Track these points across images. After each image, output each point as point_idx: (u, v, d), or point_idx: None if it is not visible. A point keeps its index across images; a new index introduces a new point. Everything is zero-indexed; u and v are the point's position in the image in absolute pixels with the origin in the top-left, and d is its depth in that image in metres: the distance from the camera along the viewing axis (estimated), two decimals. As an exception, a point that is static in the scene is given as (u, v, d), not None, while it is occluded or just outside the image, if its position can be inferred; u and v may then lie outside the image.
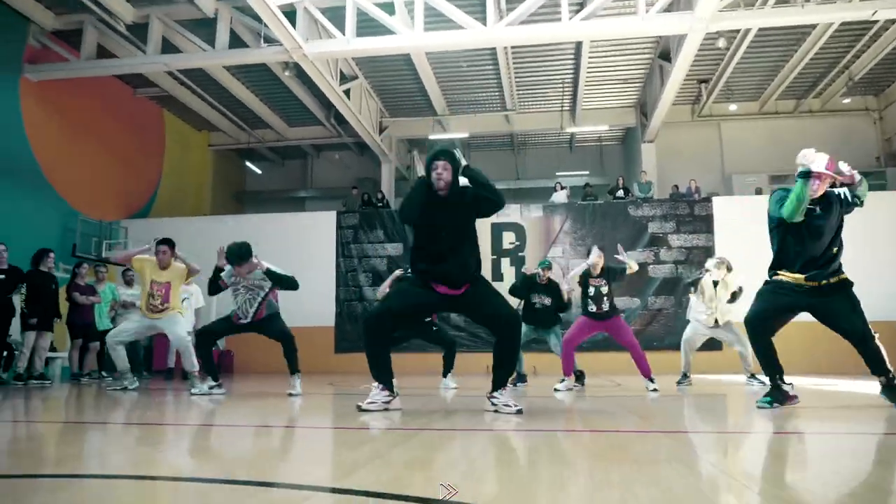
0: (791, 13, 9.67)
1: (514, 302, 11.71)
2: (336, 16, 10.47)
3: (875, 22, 11.31)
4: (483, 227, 13.05)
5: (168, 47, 11.23)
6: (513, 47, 12.34)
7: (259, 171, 18.61)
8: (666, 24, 9.93)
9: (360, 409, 3.70)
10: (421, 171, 3.80)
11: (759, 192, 14.25)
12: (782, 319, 4.05)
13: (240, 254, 5.32)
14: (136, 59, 11.22)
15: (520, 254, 12.91)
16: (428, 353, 12.46)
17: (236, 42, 11.09)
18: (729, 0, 9.43)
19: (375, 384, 3.82)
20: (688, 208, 12.58)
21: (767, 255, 4.19)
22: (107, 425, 3.47)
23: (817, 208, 3.88)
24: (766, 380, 5.71)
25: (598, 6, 9.80)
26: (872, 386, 4.06)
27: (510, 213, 13.20)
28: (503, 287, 12.53)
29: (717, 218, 12.35)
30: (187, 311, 8.94)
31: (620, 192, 13.70)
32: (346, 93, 12.93)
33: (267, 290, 5.54)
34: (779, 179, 15.10)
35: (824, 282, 3.85)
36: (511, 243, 13.03)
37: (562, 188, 13.89)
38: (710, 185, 14.56)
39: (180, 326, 5.99)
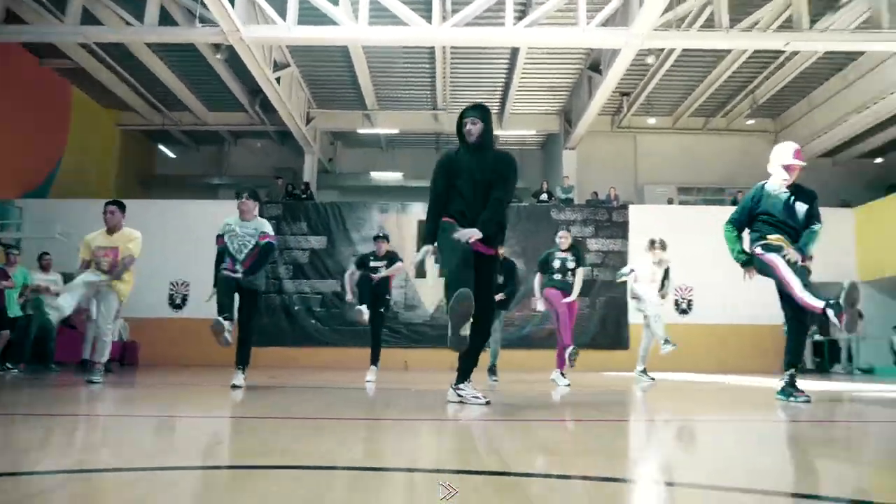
0: (716, 37, 10.38)
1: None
2: (275, 1, 10.12)
3: (781, 52, 12.38)
4: (409, 224, 13.12)
5: (88, 18, 10.42)
6: (452, 48, 12.43)
7: (173, 156, 17.62)
8: (604, 38, 10.38)
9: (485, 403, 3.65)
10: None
11: (670, 201, 15.21)
12: None
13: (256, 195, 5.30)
14: (51, 28, 10.33)
15: (447, 252, 13.04)
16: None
17: (165, 18, 10.46)
18: (663, 20, 9.98)
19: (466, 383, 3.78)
20: (606, 214, 13.21)
21: (678, 262, 4.62)
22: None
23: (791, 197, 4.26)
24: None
25: (540, 15, 10.08)
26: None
27: (440, 211, 13.32)
28: (428, 283, 12.74)
29: (633, 225, 13.04)
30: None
31: (544, 196, 14.16)
32: (277, 80, 12.53)
33: (250, 248, 5.25)
34: (686, 191, 16.20)
35: None
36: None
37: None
38: (624, 194, 15.33)
39: (114, 309, 5.58)
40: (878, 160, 15.80)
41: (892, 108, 12.62)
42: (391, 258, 6.81)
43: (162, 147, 17.55)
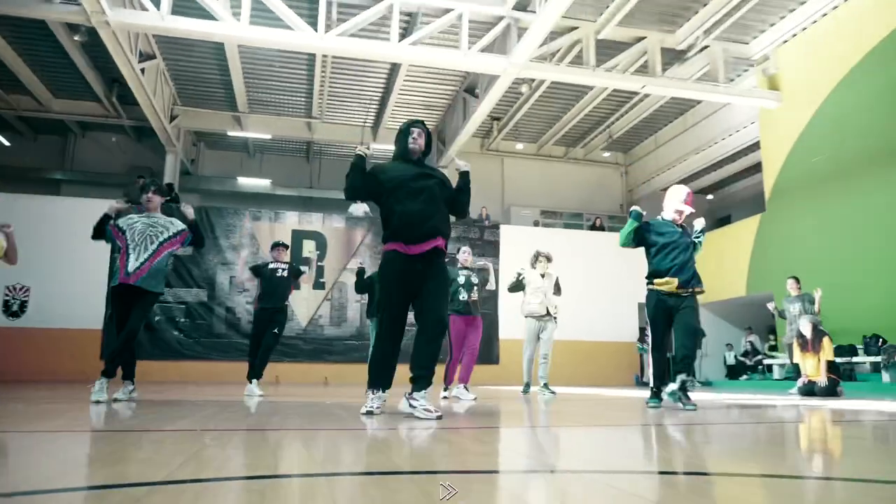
0: (584, 74, 11.20)
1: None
2: (147, -15, 9.50)
3: (635, 94, 13.66)
4: (283, 233, 12.76)
5: (-85, -23, 9.11)
6: (333, 57, 12.33)
7: (7, 143, 15.72)
8: (484, 64, 10.81)
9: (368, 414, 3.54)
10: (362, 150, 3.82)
11: (536, 223, 16.07)
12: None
13: (165, 187, 4.99)
14: None
15: (319, 263, 12.81)
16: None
17: (15, -11, 9.40)
18: (539, 52, 10.61)
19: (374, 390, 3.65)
20: (479, 232, 13.69)
21: None
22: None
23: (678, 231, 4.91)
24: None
25: (425, 34, 10.32)
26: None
27: (312, 220, 13.08)
28: (301, 296, 12.42)
29: (503, 243, 13.63)
30: None
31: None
32: (141, 72, 11.68)
33: (168, 235, 4.74)
34: (549, 214, 17.19)
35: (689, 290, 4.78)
36: (310, 251, 12.87)
37: (361, 201, 14.13)
38: (492, 215, 15.97)
39: None
40: (710, 196, 17.79)
41: (721, 153, 14.34)
42: (293, 268, 6.77)
43: (-6, 133, 15.63)
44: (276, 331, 6.50)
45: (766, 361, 12.50)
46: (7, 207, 11.90)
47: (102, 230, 4.73)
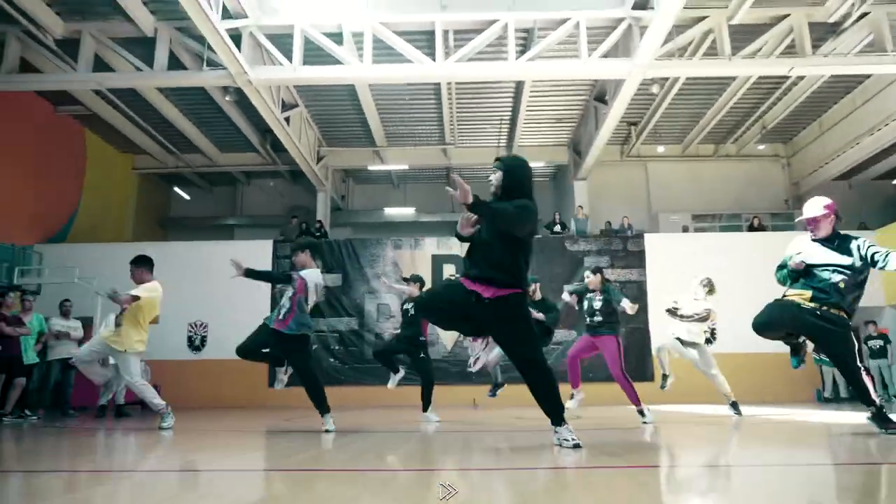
0: (718, 65, 10.36)
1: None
2: (281, 43, 10.35)
3: (787, 77, 12.34)
4: (423, 259, 13.10)
5: (100, 65, 10.71)
6: (457, 83, 12.57)
7: (188, 197, 17.89)
8: (607, 69, 10.42)
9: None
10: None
11: (685, 229, 15.05)
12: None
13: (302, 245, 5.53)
14: (64, 76, 10.63)
15: (459, 286, 12.95)
16: (360, 386, 12.36)
17: (174, 64, 10.72)
18: (664, 49, 10.01)
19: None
20: (621, 244, 13.08)
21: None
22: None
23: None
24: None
25: (542, 48, 10.17)
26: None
27: (451, 244, 13.29)
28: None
29: (649, 254, 12.88)
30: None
31: (557, 227, 14.10)
32: (287, 121, 12.73)
33: (292, 290, 5.31)
34: (701, 218, 16.02)
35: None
36: (452, 275, 13.06)
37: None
38: (637, 223, 15.20)
39: (129, 370, 5.69)
40: (895, 181, 15.54)
41: (903, 129, 12.45)
42: None
43: (177, 189, 17.83)
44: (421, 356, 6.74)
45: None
46: (189, 253, 13.48)
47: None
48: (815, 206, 4.33)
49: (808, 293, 4.19)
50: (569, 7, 10.07)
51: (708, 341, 7.23)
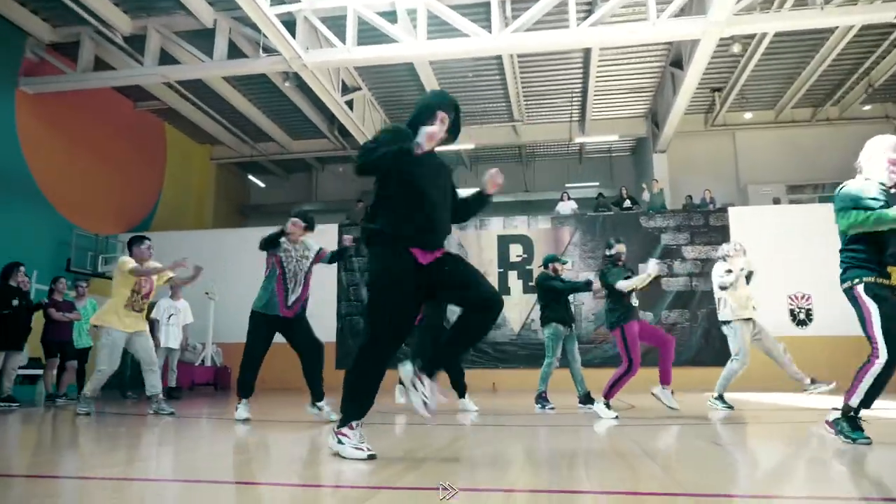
0: (809, 16, 9.25)
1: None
2: (336, 24, 10.20)
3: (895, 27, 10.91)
4: (489, 239, 12.72)
5: (166, 58, 10.99)
6: (519, 56, 12.01)
7: (263, 185, 18.34)
8: (678, 30, 9.54)
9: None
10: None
11: (776, 201, 13.84)
12: None
13: (308, 219, 5.18)
14: (133, 71, 10.99)
15: (527, 267, 12.49)
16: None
17: (235, 52, 10.84)
18: (744, 3, 9.03)
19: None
20: (702, 219, 12.14)
21: (785, 265, 3.83)
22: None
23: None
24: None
25: (606, 12, 9.45)
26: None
27: (517, 224, 12.83)
28: (513, 301, 12.24)
29: (734, 229, 11.87)
30: (173, 327, 8.66)
31: (627, 203, 13.30)
32: (349, 104, 12.64)
33: (309, 263, 5.18)
34: (797, 189, 14.69)
35: None
36: (518, 256, 12.62)
37: (568, 198, 13.50)
38: (725, 196, 14.09)
39: (150, 346, 5.75)
40: None
41: None
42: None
43: (251, 177, 18.31)
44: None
45: None
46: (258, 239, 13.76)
47: (276, 244, 5.04)
48: None
49: None
50: (634, -36, 9.30)
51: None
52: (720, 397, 5.91)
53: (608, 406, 5.09)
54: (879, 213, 3.17)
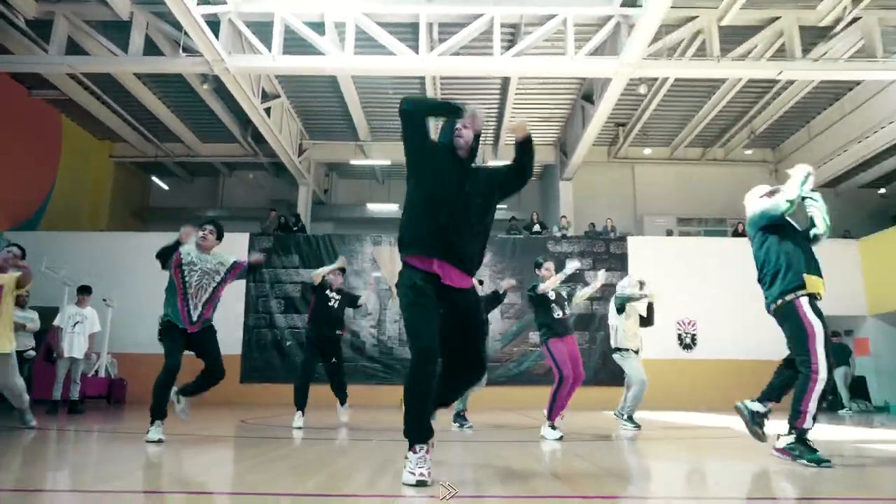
0: (707, 66, 10.19)
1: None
2: (261, 31, 10.06)
3: (777, 81, 12.20)
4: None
5: (74, 48, 10.38)
6: (442, 77, 12.33)
7: (166, 187, 17.54)
8: (593, 67, 10.22)
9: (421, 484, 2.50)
10: None
11: (669, 233, 14.92)
12: None
13: (221, 230, 4.92)
14: (35, 58, 10.30)
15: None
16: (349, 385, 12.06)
17: (151, 49, 10.41)
18: (652, 49, 9.82)
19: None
20: (604, 246, 12.90)
21: (675, 293, 4.27)
22: None
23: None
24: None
25: (528, 44, 9.95)
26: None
27: (432, 243, 13.05)
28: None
29: (632, 257, 12.72)
30: (78, 335, 8.15)
31: (537, 227, 13.90)
32: (267, 111, 12.43)
33: (222, 276, 4.78)
34: (685, 222, 15.91)
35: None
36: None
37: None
38: (622, 225, 15.05)
39: (11, 371, 5.18)
40: (882, 191, 15.47)
41: (890, 139, 12.34)
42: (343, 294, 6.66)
43: (156, 179, 17.48)
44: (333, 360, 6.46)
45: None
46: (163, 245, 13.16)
47: (167, 258, 4.70)
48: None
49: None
50: (556, 3, 9.86)
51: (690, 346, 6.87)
52: (630, 418, 6.33)
53: (553, 427, 5.12)
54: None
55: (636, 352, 6.57)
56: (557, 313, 5.64)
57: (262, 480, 2.69)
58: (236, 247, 12.78)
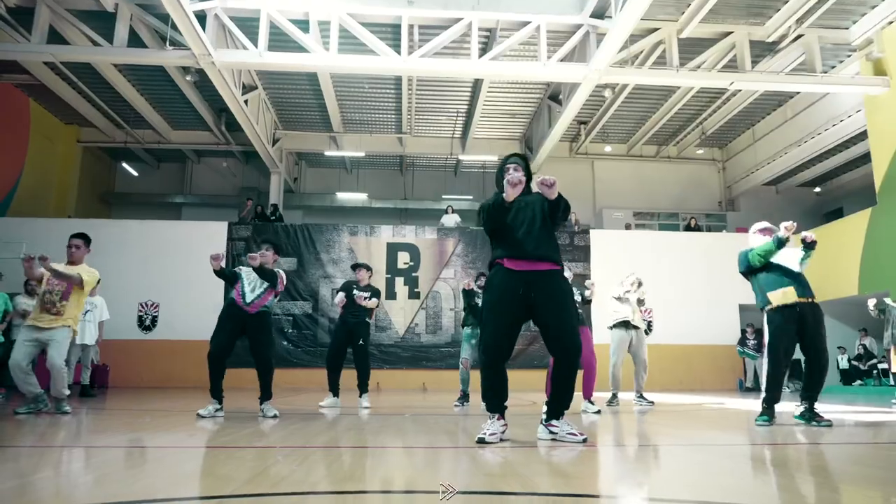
0: (667, 75, 11.03)
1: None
2: (246, 26, 10.36)
3: (727, 89, 13.18)
4: (379, 246, 13.37)
5: (55, 36, 10.45)
6: (418, 78, 12.82)
7: (136, 174, 17.50)
8: (564, 73, 10.90)
9: (482, 441, 3.21)
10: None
11: (628, 227, 15.86)
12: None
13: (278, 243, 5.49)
14: (16, 46, 10.30)
15: (413, 274, 13.32)
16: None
17: (133, 39, 10.56)
18: (619, 57, 10.57)
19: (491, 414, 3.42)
20: (569, 238, 13.70)
21: None
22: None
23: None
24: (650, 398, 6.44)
25: (504, 49, 10.56)
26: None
27: (405, 233, 13.62)
28: (398, 305, 12.99)
29: (594, 248, 13.57)
30: (89, 323, 8.42)
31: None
32: (245, 102, 12.69)
33: (265, 288, 5.33)
34: (641, 216, 16.88)
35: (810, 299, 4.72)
36: (405, 263, 13.41)
37: (452, 211, 14.54)
38: (583, 219, 15.90)
39: (63, 348, 5.40)
40: (817, 189, 16.80)
41: (825, 143, 13.55)
42: (373, 291, 6.94)
43: (124, 164, 17.41)
44: (360, 342, 6.85)
45: (882, 366, 11.71)
46: (137, 232, 13.33)
47: (226, 277, 5.36)
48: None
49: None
50: (531, 10, 10.50)
51: (646, 331, 7.71)
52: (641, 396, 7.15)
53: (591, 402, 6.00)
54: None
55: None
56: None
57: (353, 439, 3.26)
58: (215, 235, 13.07)
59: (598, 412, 5.81)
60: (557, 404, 3.45)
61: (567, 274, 6.53)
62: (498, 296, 3.42)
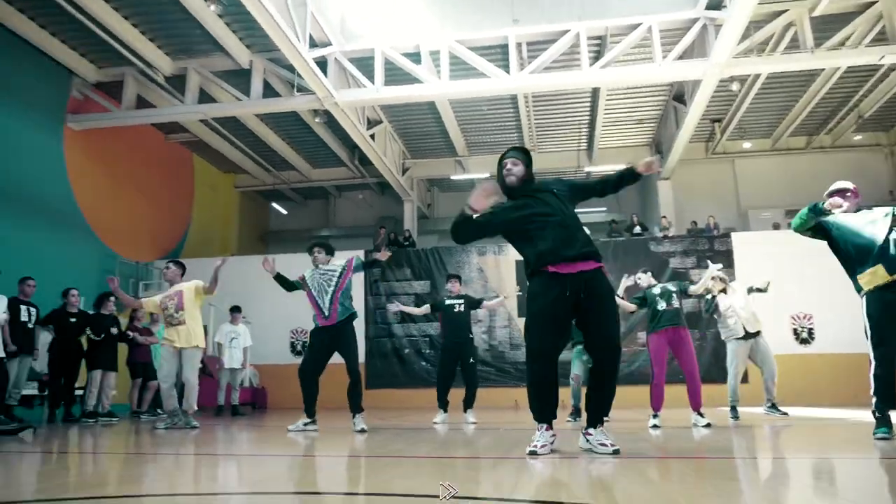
0: (801, 59, 10.09)
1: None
2: (363, 65, 11.00)
3: (880, 65, 11.74)
4: (507, 265, 13.40)
5: (204, 96, 11.80)
6: (533, 94, 12.82)
7: (285, 212, 19.12)
8: (682, 71, 10.38)
9: (533, 454, 3.23)
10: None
11: (776, 226, 14.56)
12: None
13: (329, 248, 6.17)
14: (174, 109, 11.78)
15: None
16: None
17: (268, 91, 11.64)
18: (742, 47, 9.86)
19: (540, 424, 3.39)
20: (707, 244, 12.84)
21: (786, 286, 4.55)
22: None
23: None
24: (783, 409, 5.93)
25: (615, 55, 10.27)
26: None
27: (532, 250, 13.52)
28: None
29: (737, 253, 12.60)
30: (236, 350, 9.35)
31: (637, 229, 14.04)
32: (372, 137, 13.44)
33: (337, 278, 5.86)
34: (794, 214, 15.37)
35: None
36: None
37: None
38: (726, 221, 14.86)
39: (195, 366, 6.39)
40: None
41: None
42: (467, 300, 7.16)
43: (274, 204, 19.08)
44: (471, 360, 7.00)
45: None
46: (288, 265, 14.45)
47: (284, 282, 6.12)
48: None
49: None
50: (640, 11, 10.14)
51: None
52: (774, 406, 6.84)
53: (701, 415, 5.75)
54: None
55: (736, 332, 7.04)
56: (661, 305, 6.01)
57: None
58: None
59: (709, 425, 5.44)
60: (597, 411, 3.37)
61: (712, 268, 6.36)
62: (549, 305, 3.37)
